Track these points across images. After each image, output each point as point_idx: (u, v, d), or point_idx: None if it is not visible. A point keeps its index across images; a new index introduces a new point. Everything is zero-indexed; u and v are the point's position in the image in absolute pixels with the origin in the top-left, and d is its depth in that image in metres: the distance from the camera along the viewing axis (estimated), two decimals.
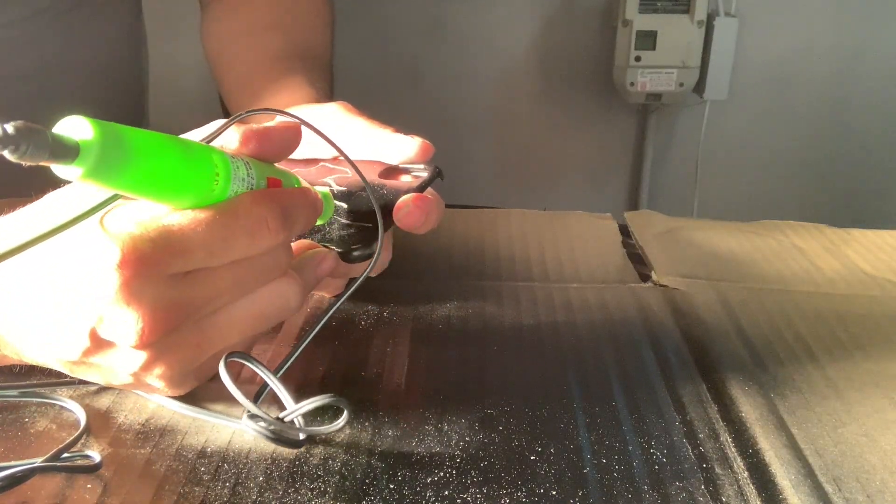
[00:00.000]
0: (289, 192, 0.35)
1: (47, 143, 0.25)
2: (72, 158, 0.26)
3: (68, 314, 0.31)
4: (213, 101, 0.85)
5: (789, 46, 1.50)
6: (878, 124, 1.54)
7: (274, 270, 0.35)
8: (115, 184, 0.28)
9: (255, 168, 0.34)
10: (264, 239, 0.33)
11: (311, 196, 0.36)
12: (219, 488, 0.31)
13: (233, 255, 0.32)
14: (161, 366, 0.33)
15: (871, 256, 0.55)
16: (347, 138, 0.45)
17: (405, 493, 0.31)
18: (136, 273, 0.29)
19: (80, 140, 0.26)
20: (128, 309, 0.30)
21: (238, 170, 0.32)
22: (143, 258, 0.29)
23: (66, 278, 0.31)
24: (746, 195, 1.60)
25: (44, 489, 0.30)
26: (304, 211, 0.35)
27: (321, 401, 0.32)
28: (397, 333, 0.43)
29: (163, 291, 0.31)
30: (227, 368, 0.32)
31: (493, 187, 1.62)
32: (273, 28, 0.69)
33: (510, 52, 1.53)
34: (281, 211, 0.33)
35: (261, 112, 0.36)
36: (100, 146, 0.26)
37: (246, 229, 0.32)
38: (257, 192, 0.33)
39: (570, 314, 0.46)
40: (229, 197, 0.32)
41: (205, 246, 0.31)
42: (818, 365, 0.41)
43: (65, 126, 0.26)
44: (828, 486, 0.32)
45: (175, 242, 0.30)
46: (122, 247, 0.29)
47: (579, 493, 0.31)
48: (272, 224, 0.33)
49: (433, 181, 0.42)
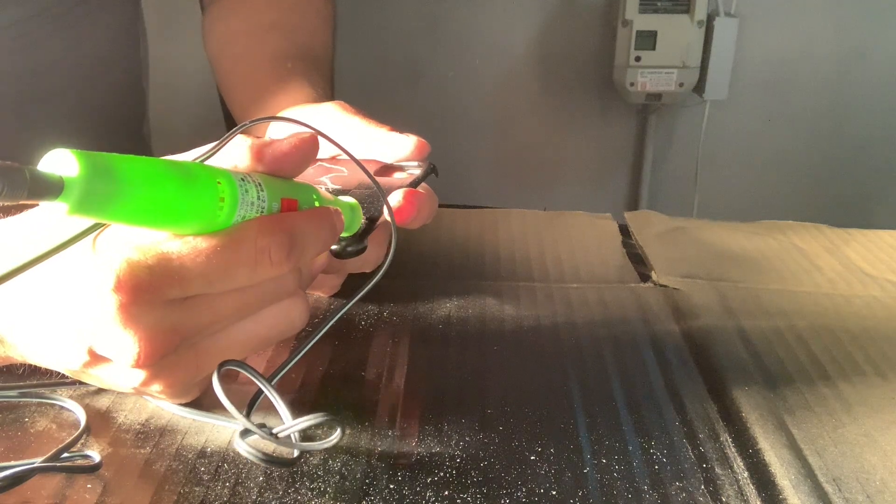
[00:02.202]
0: (301, 216, 0.33)
1: (24, 182, 0.24)
2: (55, 195, 0.25)
3: (66, 331, 0.31)
4: (213, 101, 0.85)
5: (789, 47, 1.50)
6: (878, 124, 1.54)
7: (278, 296, 0.34)
8: (106, 216, 0.27)
9: (268, 189, 0.32)
10: (266, 270, 0.32)
11: (327, 218, 0.34)
12: (219, 488, 0.31)
13: (233, 284, 0.31)
14: (160, 384, 0.32)
15: (871, 256, 0.55)
16: (344, 137, 0.45)
17: (405, 493, 0.31)
18: (133, 299, 0.29)
19: (65, 176, 0.25)
20: (125, 332, 0.29)
21: (247, 193, 0.31)
22: (140, 285, 0.29)
23: (63, 297, 0.31)
24: (746, 195, 1.59)
25: (44, 489, 0.30)
26: (316, 236, 0.33)
27: (315, 419, 0.31)
28: (397, 333, 0.43)
29: (160, 316, 0.30)
30: (222, 378, 0.31)
31: (493, 187, 1.62)
32: (274, 28, 0.69)
33: (510, 52, 1.53)
34: (288, 241, 0.32)
35: (264, 121, 0.35)
36: (85, 181, 0.25)
37: (247, 260, 0.31)
38: (264, 220, 0.32)
39: (570, 314, 0.46)
40: (236, 222, 0.31)
41: (204, 275, 0.30)
42: (818, 365, 0.41)
43: (50, 160, 0.25)
44: (828, 486, 0.32)
45: (173, 271, 0.29)
46: (118, 272, 0.29)
47: (579, 493, 0.31)
48: (275, 256, 0.31)
49: (426, 177, 0.42)
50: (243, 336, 0.33)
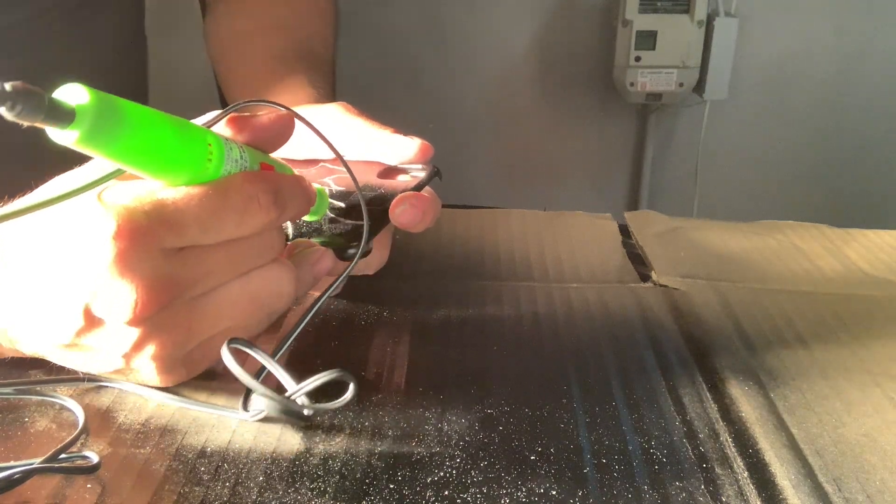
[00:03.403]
0: (281, 175, 0.36)
1: (43, 105, 0.26)
2: (67, 122, 0.27)
3: (63, 290, 0.32)
4: (213, 101, 0.85)
5: (789, 46, 1.50)
6: (878, 124, 1.54)
7: (266, 253, 0.35)
8: (109, 151, 0.29)
9: (249, 153, 0.35)
10: (255, 216, 0.33)
11: (303, 183, 0.36)
12: (219, 488, 0.31)
13: (225, 231, 0.33)
14: (152, 344, 0.33)
15: (871, 256, 0.55)
16: (347, 139, 0.45)
17: (405, 493, 0.31)
18: (130, 244, 0.30)
19: (77, 105, 0.27)
20: (122, 281, 0.30)
21: (231, 151, 0.33)
22: (137, 229, 0.30)
23: (61, 252, 0.31)
24: (746, 195, 1.60)
25: (43, 489, 0.30)
26: (296, 194, 0.35)
27: (327, 376, 0.32)
28: (397, 333, 0.43)
29: (157, 265, 0.31)
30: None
31: (493, 187, 1.62)
32: (276, 28, 0.69)
33: (510, 53, 1.53)
34: (272, 190, 0.34)
35: (259, 103, 0.36)
36: (95, 112, 0.27)
37: (237, 206, 0.33)
38: (250, 172, 0.34)
39: (570, 314, 0.46)
40: (223, 176, 0.33)
41: (197, 221, 0.32)
42: (818, 365, 0.41)
43: (63, 92, 0.27)
44: (828, 486, 0.32)
45: (169, 216, 0.31)
46: (117, 218, 0.30)
47: (579, 493, 0.31)
48: (263, 201, 0.33)
49: (431, 180, 0.43)
50: (233, 297, 0.35)
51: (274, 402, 0.33)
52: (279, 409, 0.33)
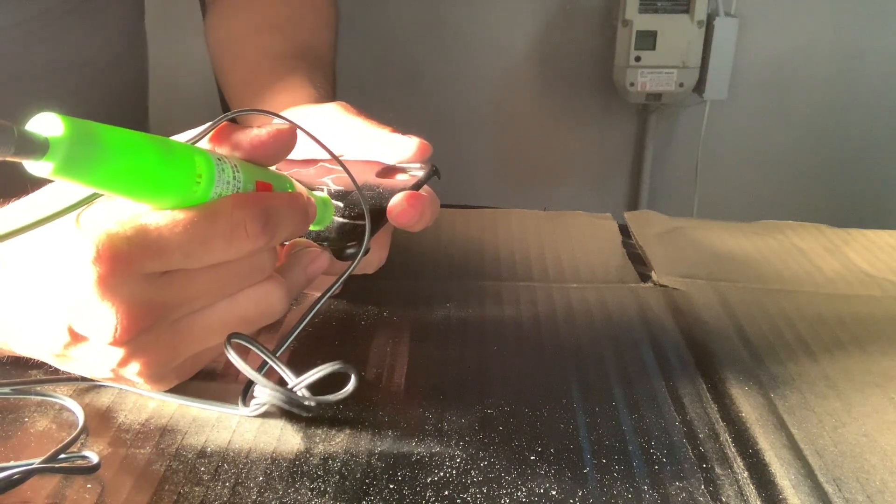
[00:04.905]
0: (275, 196, 0.34)
1: (12, 139, 0.25)
2: (40, 154, 0.26)
3: (46, 309, 0.31)
4: (213, 100, 0.85)
5: (789, 46, 1.50)
6: (878, 124, 1.54)
7: (255, 275, 0.34)
8: (88, 180, 0.28)
9: (244, 171, 0.33)
10: (242, 244, 0.32)
11: (300, 202, 0.35)
12: (219, 488, 0.31)
13: (210, 258, 0.32)
14: (137, 363, 0.33)
15: (871, 256, 0.55)
16: (346, 138, 0.45)
17: (405, 493, 0.31)
18: (111, 270, 0.29)
19: (50, 136, 0.26)
20: (103, 304, 0.30)
21: (223, 172, 0.32)
22: (118, 256, 0.29)
23: (45, 271, 0.31)
24: (746, 195, 1.59)
25: (43, 489, 0.30)
26: (290, 216, 0.34)
27: (328, 368, 0.32)
28: (397, 333, 0.43)
29: (138, 290, 0.30)
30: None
31: (493, 187, 1.62)
32: (276, 28, 0.69)
33: (510, 52, 1.53)
34: (263, 215, 0.32)
35: (250, 112, 0.36)
36: (70, 142, 0.26)
37: (224, 233, 0.31)
38: (240, 196, 0.33)
39: (570, 314, 0.46)
40: (212, 199, 0.32)
41: (181, 248, 0.31)
42: (818, 365, 0.41)
43: (36, 122, 0.26)
44: (828, 486, 0.32)
45: (151, 242, 0.30)
46: (97, 244, 0.29)
47: (579, 493, 0.31)
48: (251, 229, 0.32)
49: (429, 180, 0.43)
50: (221, 318, 0.34)
51: (276, 394, 0.32)
52: (282, 399, 0.32)
